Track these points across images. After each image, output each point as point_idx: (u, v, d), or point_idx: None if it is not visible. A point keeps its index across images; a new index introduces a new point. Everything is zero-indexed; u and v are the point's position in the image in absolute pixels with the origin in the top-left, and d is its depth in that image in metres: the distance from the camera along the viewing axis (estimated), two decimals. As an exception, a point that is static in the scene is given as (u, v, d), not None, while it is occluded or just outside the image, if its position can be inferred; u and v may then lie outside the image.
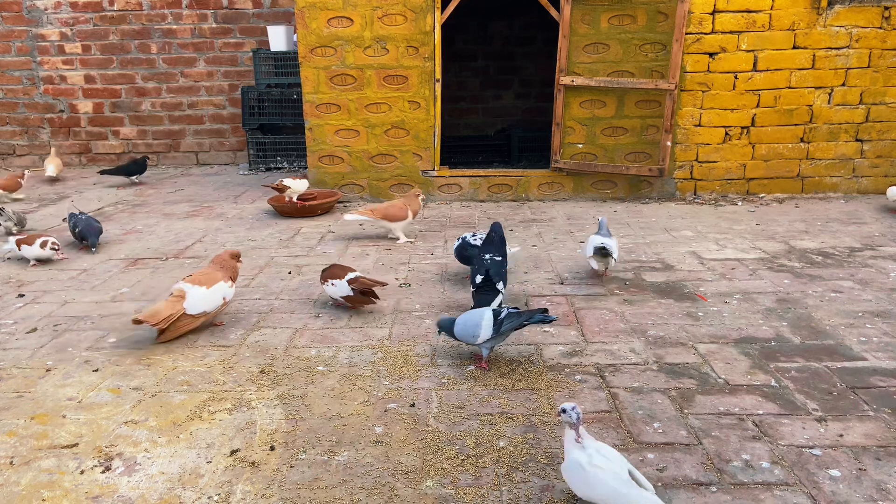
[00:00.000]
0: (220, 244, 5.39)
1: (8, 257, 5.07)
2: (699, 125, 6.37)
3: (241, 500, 2.33)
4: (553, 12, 6.20)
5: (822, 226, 5.57)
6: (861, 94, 6.28)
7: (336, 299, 3.98)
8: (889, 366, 3.17)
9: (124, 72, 8.77)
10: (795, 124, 6.37)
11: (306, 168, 6.83)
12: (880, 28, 6.11)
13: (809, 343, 3.43)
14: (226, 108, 8.88)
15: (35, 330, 3.78)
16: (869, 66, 6.21)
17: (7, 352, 3.50)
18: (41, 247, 4.81)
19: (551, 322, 3.24)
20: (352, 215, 5.25)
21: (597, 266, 4.30)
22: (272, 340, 3.59)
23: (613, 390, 3.00)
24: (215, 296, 3.65)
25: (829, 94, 6.28)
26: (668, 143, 6.22)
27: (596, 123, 6.42)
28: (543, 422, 2.75)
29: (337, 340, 3.58)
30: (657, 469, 2.44)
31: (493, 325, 3.14)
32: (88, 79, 8.79)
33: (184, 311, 3.55)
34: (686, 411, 2.82)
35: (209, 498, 2.34)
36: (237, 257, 3.96)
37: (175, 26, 8.62)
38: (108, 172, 7.67)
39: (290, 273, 4.67)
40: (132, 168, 7.76)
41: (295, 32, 7.01)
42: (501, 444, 2.61)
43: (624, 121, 6.40)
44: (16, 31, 8.65)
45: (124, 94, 8.85)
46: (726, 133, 6.40)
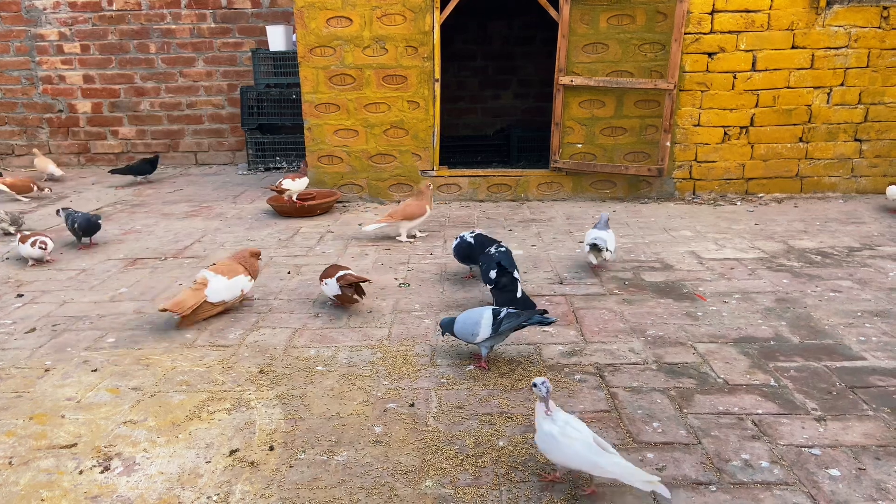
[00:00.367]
0: (219, 244, 5.39)
1: (7, 258, 5.06)
2: (698, 125, 6.37)
3: (241, 500, 2.32)
4: (552, 12, 6.20)
5: (821, 225, 5.57)
6: (860, 94, 6.29)
7: (331, 298, 3.99)
8: (888, 365, 3.17)
9: (123, 72, 8.76)
10: (794, 124, 6.37)
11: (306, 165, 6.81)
12: (879, 28, 6.12)
13: (808, 343, 3.43)
14: (225, 108, 8.88)
15: (34, 330, 3.78)
16: (868, 66, 6.21)
17: (6, 352, 3.50)
18: (31, 245, 4.80)
19: (550, 324, 3.24)
20: (372, 225, 5.25)
21: (594, 260, 4.47)
22: (271, 340, 3.59)
23: (613, 390, 3.00)
24: (235, 287, 3.92)
25: (828, 93, 6.29)
26: (667, 142, 6.22)
27: (595, 123, 6.42)
28: (543, 421, 2.75)
29: (336, 340, 3.57)
30: (657, 468, 2.44)
31: (493, 325, 3.14)
32: (87, 79, 8.78)
33: (206, 300, 3.79)
34: (685, 411, 2.82)
35: (208, 498, 2.34)
36: (257, 256, 4.16)
37: (174, 26, 8.61)
38: (119, 172, 7.72)
39: (289, 273, 4.67)
40: (143, 167, 7.82)
41: (294, 32, 7.01)
42: (501, 443, 2.61)
43: (623, 121, 6.40)
44: (14, 31, 8.65)
45: (123, 94, 8.84)
46: (725, 133, 6.40)
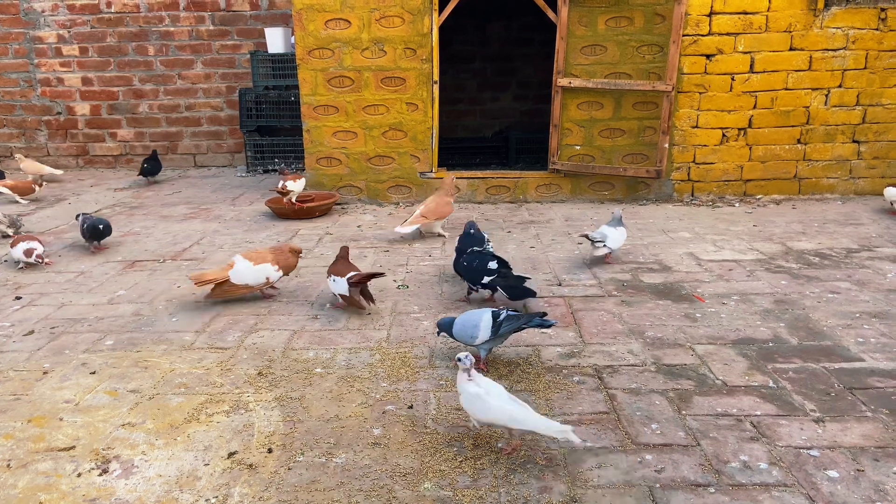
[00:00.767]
0: (218, 246, 5.39)
1: (5, 260, 5.06)
2: (696, 127, 6.38)
3: (239, 502, 2.32)
4: (550, 14, 6.21)
5: (820, 227, 5.58)
6: (858, 96, 6.30)
7: (336, 296, 3.99)
8: (886, 366, 3.17)
9: (122, 74, 8.77)
10: (792, 126, 6.38)
11: (304, 169, 6.82)
12: (877, 29, 6.13)
13: (807, 344, 3.43)
14: (223, 110, 8.88)
15: (32, 332, 3.77)
16: (866, 68, 6.22)
17: (4, 354, 3.49)
18: (25, 254, 4.78)
19: (550, 326, 3.25)
20: (408, 227, 5.26)
21: (596, 253, 4.66)
22: (270, 342, 3.58)
23: (611, 391, 3.00)
24: (259, 273, 4.08)
25: (826, 95, 6.30)
26: (666, 144, 6.23)
27: (593, 125, 6.43)
28: (541, 423, 2.75)
29: (335, 342, 3.57)
30: (655, 470, 2.44)
31: (492, 327, 3.14)
32: (86, 81, 8.79)
33: (228, 279, 4.01)
34: (684, 412, 2.82)
35: (207, 500, 2.33)
36: (297, 252, 4.25)
37: (172, 28, 8.62)
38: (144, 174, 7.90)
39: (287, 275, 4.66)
40: (154, 167, 7.98)
41: (293, 34, 7.02)
42: (500, 445, 2.61)
43: (621, 122, 6.41)
44: (13, 34, 8.65)
45: (122, 97, 8.84)
46: (723, 134, 6.41)
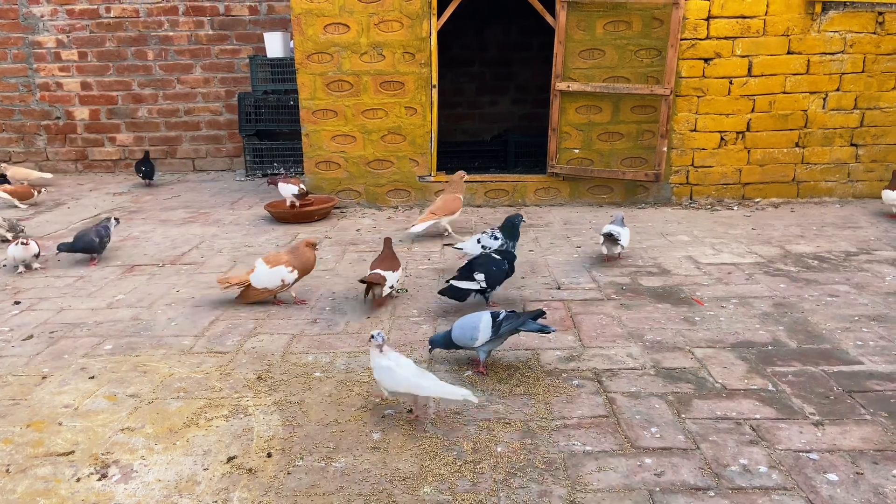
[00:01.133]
0: (217, 250, 5.38)
1: (4, 264, 5.05)
2: (695, 130, 6.39)
3: (239, 507, 2.32)
4: (549, 18, 6.22)
5: (818, 230, 5.58)
6: (855, 99, 6.31)
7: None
8: (885, 369, 3.17)
9: (121, 78, 8.77)
10: (790, 129, 6.39)
11: (303, 174, 6.82)
12: (874, 33, 6.15)
13: (806, 347, 3.44)
14: (222, 114, 8.88)
15: (31, 337, 3.77)
16: (863, 71, 6.24)
17: (3, 359, 3.49)
18: (24, 250, 4.79)
19: (550, 332, 3.25)
20: (419, 226, 5.31)
21: (605, 251, 4.76)
22: (269, 346, 3.58)
23: (611, 395, 3.00)
24: (274, 276, 4.11)
25: (824, 98, 6.31)
26: (664, 148, 6.24)
27: (592, 129, 6.44)
28: (541, 427, 2.75)
29: (334, 346, 3.57)
30: (655, 474, 2.44)
31: (492, 328, 3.14)
32: (85, 86, 8.79)
33: (249, 282, 4.10)
34: (683, 416, 2.82)
35: (206, 505, 2.33)
36: (312, 246, 4.28)
37: (171, 33, 8.63)
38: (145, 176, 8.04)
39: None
40: (149, 170, 8.06)
41: (291, 39, 7.02)
42: (499, 449, 2.61)
43: (620, 126, 6.42)
44: (12, 39, 8.65)
45: (121, 101, 8.85)
46: (722, 138, 6.42)
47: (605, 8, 6.14)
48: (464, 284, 3.90)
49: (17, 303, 4.30)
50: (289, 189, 6.15)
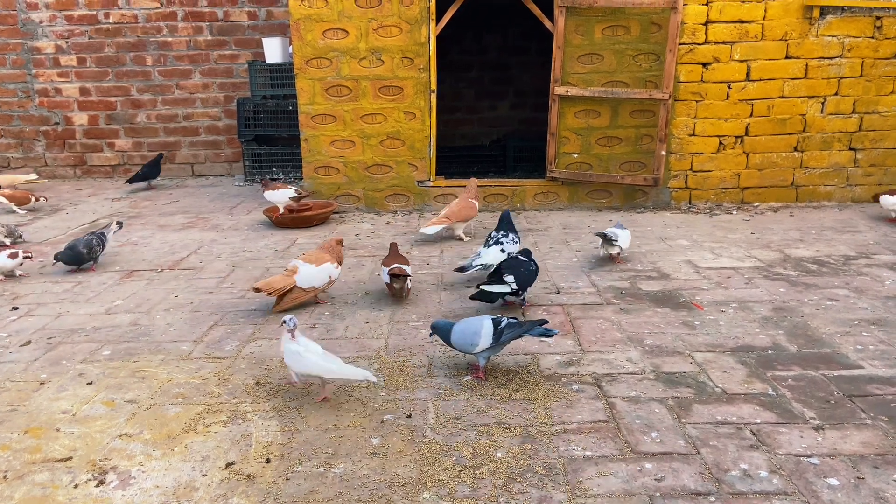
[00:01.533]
0: (216, 255, 5.38)
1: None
2: (693, 135, 6.40)
3: (237, 513, 2.31)
4: (547, 23, 6.23)
5: (817, 234, 5.59)
6: (854, 103, 6.32)
7: (386, 284, 4.27)
8: (885, 374, 3.17)
9: (119, 84, 8.77)
10: (789, 133, 6.40)
11: (301, 179, 6.82)
12: (872, 38, 6.16)
13: (806, 351, 3.43)
14: (221, 119, 8.89)
15: (29, 343, 3.76)
16: (861, 76, 6.25)
17: (1, 365, 3.48)
18: (10, 257, 4.78)
19: (552, 336, 3.24)
20: (432, 227, 5.33)
21: (602, 252, 4.89)
22: (268, 352, 3.57)
23: (611, 400, 2.99)
24: (322, 273, 4.14)
25: (822, 103, 6.32)
26: (663, 152, 6.24)
27: (591, 133, 6.44)
28: (541, 432, 2.74)
29: (333, 351, 3.54)
30: (655, 479, 2.43)
31: (493, 335, 3.13)
32: (83, 91, 8.79)
33: (295, 284, 4.05)
34: (683, 420, 2.81)
35: (204, 511, 2.32)
36: (341, 243, 4.37)
37: (170, 39, 8.64)
38: (132, 180, 8.11)
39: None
40: (153, 171, 8.13)
41: (290, 44, 7.03)
42: (499, 454, 2.60)
43: (618, 130, 6.42)
44: (11, 44, 8.66)
45: (119, 107, 8.85)
46: (720, 142, 6.43)
47: (603, 13, 6.15)
48: (495, 288, 3.89)
49: (16, 308, 4.29)
50: (278, 195, 6.07)
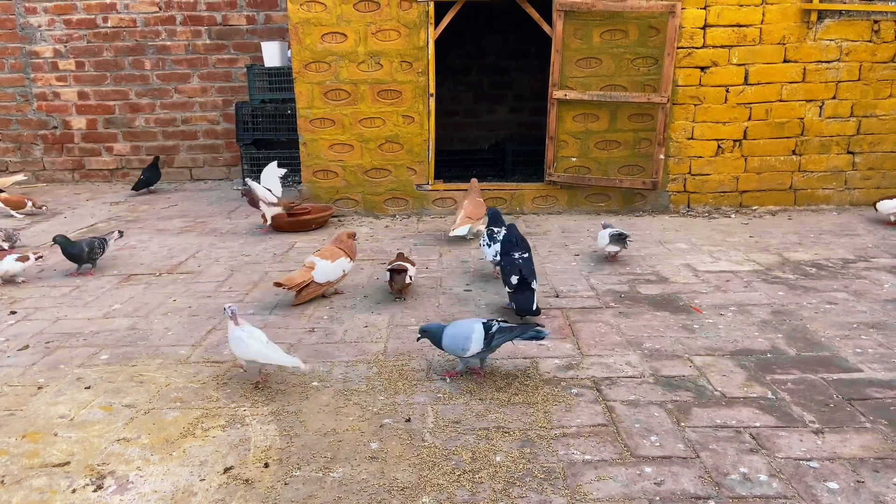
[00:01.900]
0: (214, 259, 5.37)
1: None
2: (692, 138, 6.40)
3: (235, 518, 2.30)
4: (545, 27, 6.24)
5: (816, 237, 5.59)
6: (852, 107, 6.33)
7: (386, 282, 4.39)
8: (885, 377, 3.17)
9: (118, 88, 8.77)
10: (787, 137, 6.41)
11: (300, 183, 6.82)
12: (870, 41, 6.17)
13: (805, 355, 3.43)
14: (220, 123, 8.88)
15: (27, 347, 3.75)
16: (859, 79, 6.26)
17: (-2, 369, 3.47)
18: (20, 260, 4.77)
19: (544, 338, 3.23)
20: (461, 229, 5.43)
21: (614, 250, 4.96)
22: (266, 356, 3.56)
23: (610, 403, 2.99)
24: (337, 269, 4.37)
25: (820, 106, 6.33)
26: (661, 156, 6.25)
27: (589, 137, 6.45)
28: (540, 436, 2.74)
29: (332, 355, 3.56)
30: (655, 483, 2.42)
31: (484, 340, 3.12)
32: (82, 95, 8.78)
33: (312, 279, 4.26)
34: (683, 424, 2.81)
35: (202, 516, 2.31)
36: (353, 236, 4.60)
37: (169, 42, 8.64)
38: (137, 187, 8.13)
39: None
40: (153, 175, 8.19)
41: (289, 48, 7.03)
42: (498, 459, 2.59)
43: (617, 134, 6.43)
44: (9, 48, 8.65)
45: (118, 110, 8.84)
46: (719, 146, 6.43)
47: (601, 17, 6.16)
48: (527, 293, 3.90)
49: (13, 312, 4.28)
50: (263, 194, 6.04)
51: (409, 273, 4.33)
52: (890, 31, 6.15)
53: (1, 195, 7.03)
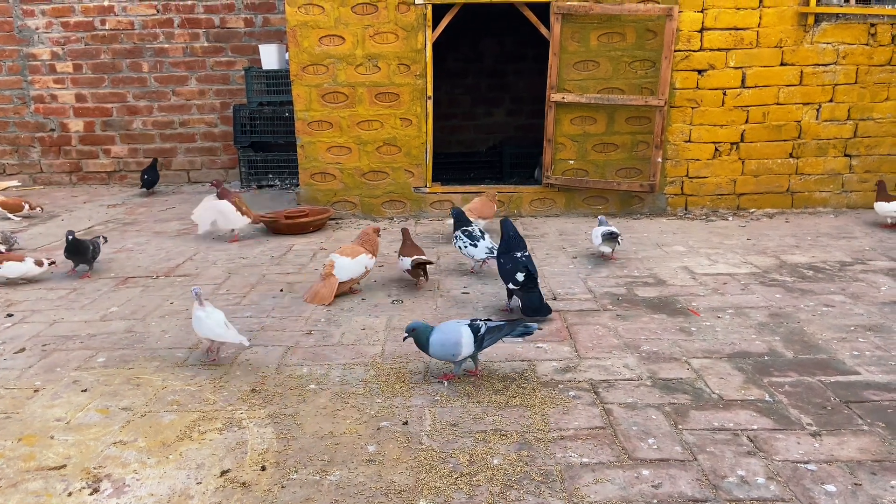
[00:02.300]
0: (211, 262, 5.36)
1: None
2: (689, 141, 6.41)
3: (232, 521, 2.29)
4: (543, 30, 6.25)
5: (813, 240, 5.60)
6: (849, 110, 6.34)
7: (405, 270, 4.54)
8: (882, 379, 3.17)
9: (116, 90, 8.76)
10: (784, 140, 6.42)
11: (298, 185, 6.81)
12: (867, 45, 6.19)
13: (802, 357, 3.43)
14: (217, 126, 8.88)
15: (23, 350, 3.74)
16: (856, 82, 6.27)
17: (-6, 372, 3.46)
18: (37, 265, 4.78)
19: (532, 332, 3.23)
20: (480, 221, 5.55)
21: (607, 250, 5.01)
22: (263, 358, 3.56)
23: (608, 406, 2.99)
24: (358, 265, 4.43)
25: (817, 109, 6.34)
26: (659, 159, 6.25)
27: (587, 139, 6.45)
28: (538, 439, 2.73)
29: (329, 358, 3.55)
30: (652, 486, 2.42)
31: (474, 342, 3.12)
32: (79, 98, 8.78)
33: (337, 280, 4.34)
34: (680, 427, 2.80)
35: (199, 519, 2.30)
36: (378, 232, 4.66)
37: (167, 45, 8.63)
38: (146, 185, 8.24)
39: (281, 290, 4.64)
40: (153, 176, 8.28)
41: (287, 51, 7.04)
42: (495, 461, 2.59)
43: (615, 137, 6.43)
44: (7, 51, 8.64)
45: (115, 113, 8.84)
46: (716, 149, 6.44)
47: (598, 20, 6.17)
48: (536, 291, 3.97)
49: (10, 315, 4.27)
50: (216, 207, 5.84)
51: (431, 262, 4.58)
52: (886, 34, 6.17)
53: None
